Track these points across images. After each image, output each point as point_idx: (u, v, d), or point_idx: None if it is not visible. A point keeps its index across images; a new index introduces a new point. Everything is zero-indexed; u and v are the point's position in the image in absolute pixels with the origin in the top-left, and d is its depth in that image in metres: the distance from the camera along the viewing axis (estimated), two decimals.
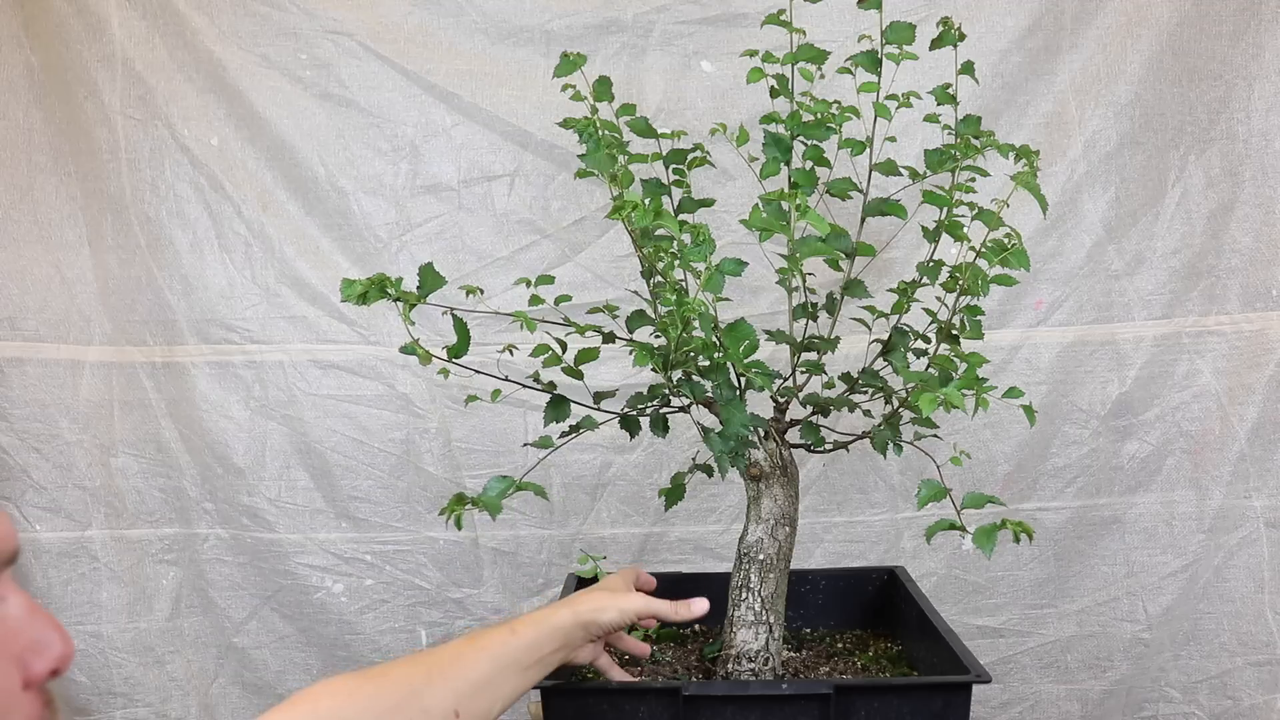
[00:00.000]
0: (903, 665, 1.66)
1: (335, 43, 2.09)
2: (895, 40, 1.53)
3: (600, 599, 1.35)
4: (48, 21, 2.07)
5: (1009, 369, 2.12)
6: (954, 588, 2.19)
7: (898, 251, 2.03)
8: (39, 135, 2.10)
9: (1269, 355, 2.12)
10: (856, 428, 1.63)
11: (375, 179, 2.12)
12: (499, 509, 1.44)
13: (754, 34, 1.88)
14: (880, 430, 1.54)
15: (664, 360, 1.37)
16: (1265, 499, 2.15)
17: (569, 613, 1.31)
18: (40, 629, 0.61)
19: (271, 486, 2.16)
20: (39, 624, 0.61)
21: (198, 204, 2.12)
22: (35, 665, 0.60)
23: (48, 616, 0.61)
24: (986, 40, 2.05)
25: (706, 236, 1.35)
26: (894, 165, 1.58)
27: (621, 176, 1.46)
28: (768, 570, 1.53)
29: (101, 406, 2.15)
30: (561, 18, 2.09)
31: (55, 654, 0.61)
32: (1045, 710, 2.22)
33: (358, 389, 2.15)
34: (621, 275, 2.10)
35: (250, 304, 2.13)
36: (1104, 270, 2.12)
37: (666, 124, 1.79)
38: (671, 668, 1.65)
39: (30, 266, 2.12)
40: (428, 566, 2.19)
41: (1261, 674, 2.19)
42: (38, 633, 0.60)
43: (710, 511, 2.17)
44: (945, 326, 1.51)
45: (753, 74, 1.53)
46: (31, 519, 2.14)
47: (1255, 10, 2.05)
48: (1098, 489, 2.16)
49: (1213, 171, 2.10)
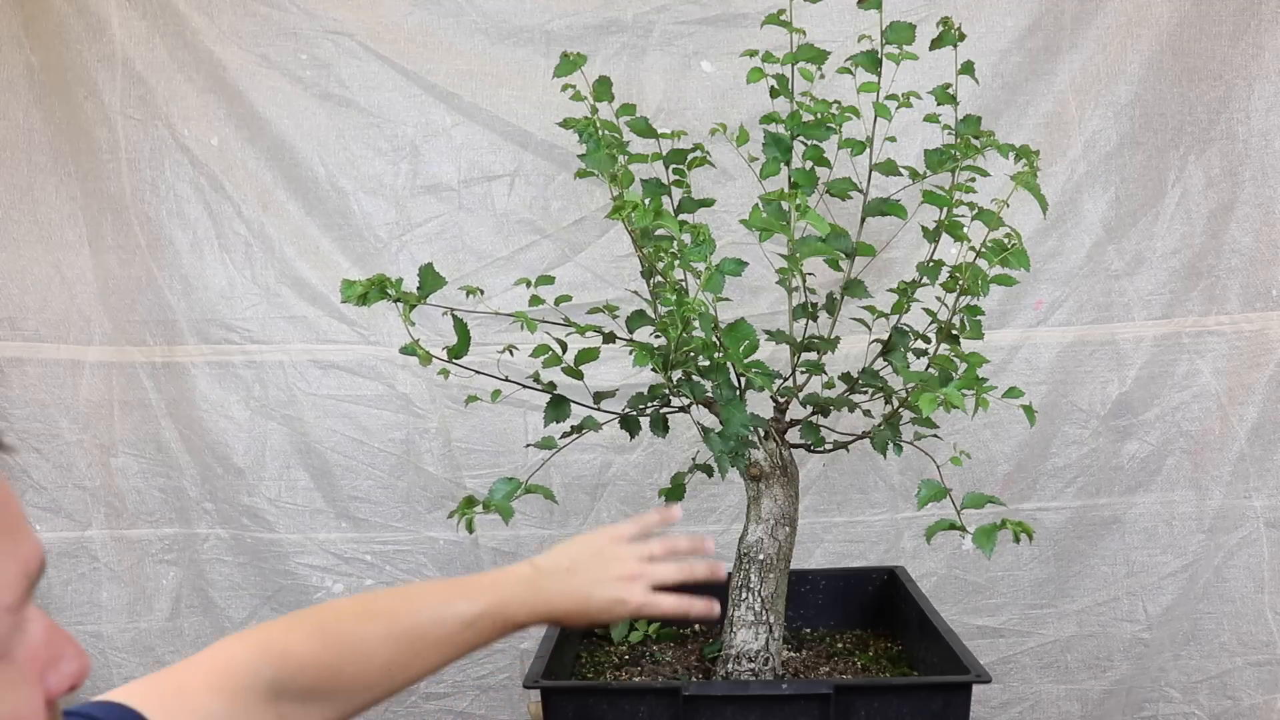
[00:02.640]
0: (903, 665, 1.66)
1: (335, 43, 2.09)
2: (895, 40, 1.53)
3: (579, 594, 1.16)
4: (48, 21, 2.07)
5: (1009, 369, 2.12)
6: (954, 588, 2.19)
7: (898, 251, 2.03)
8: (39, 135, 2.10)
9: (1269, 355, 2.12)
10: (856, 428, 1.63)
11: (375, 179, 2.12)
12: (510, 512, 1.44)
13: (754, 34, 1.88)
14: (880, 430, 1.54)
15: (664, 360, 1.37)
16: (1265, 499, 2.15)
17: (525, 611, 1.13)
18: (58, 646, 0.61)
19: (271, 486, 2.16)
20: (58, 641, 0.61)
21: (198, 204, 2.12)
22: (54, 683, 0.60)
23: (64, 633, 0.62)
24: (986, 40, 2.05)
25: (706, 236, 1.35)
26: (894, 165, 1.58)
27: (621, 176, 1.46)
28: (768, 570, 1.53)
29: (101, 406, 2.15)
30: (561, 18, 2.08)
31: (73, 670, 0.61)
32: (1045, 710, 2.22)
33: (358, 389, 2.15)
34: (621, 275, 2.10)
35: (250, 304, 2.13)
36: (1104, 270, 2.12)
37: (666, 124, 1.79)
38: (671, 668, 1.65)
39: (30, 266, 2.12)
40: (428, 566, 2.19)
41: (1261, 674, 2.19)
42: (56, 649, 0.61)
43: (710, 511, 2.17)
44: (945, 326, 1.51)
45: (753, 74, 1.53)
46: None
47: (1255, 10, 2.05)
48: (1098, 489, 2.16)
49: (1213, 171, 2.10)
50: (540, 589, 1.15)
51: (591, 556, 1.19)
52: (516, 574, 1.16)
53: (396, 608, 1.07)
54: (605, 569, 1.18)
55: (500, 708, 2.22)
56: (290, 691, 0.97)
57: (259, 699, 0.95)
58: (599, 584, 1.17)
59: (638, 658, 1.69)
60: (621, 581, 1.18)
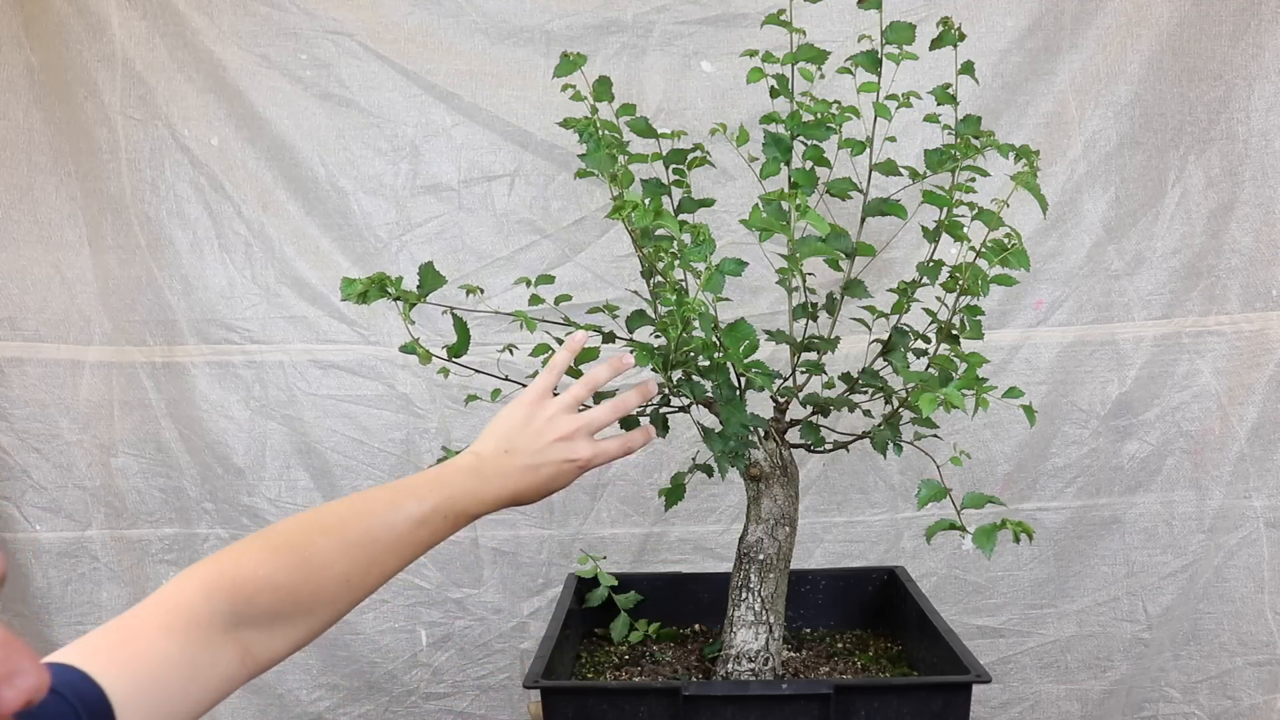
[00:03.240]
0: (903, 665, 1.66)
1: (335, 43, 2.09)
2: (895, 40, 1.53)
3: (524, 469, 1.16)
4: (48, 21, 2.07)
5: (1009, 369, 2.12)
6: (954, 588, 2.19)
7: (898, 251, 2.03)
8: (39, 135, 2.10)
9: (1269, 355, 2.12)
10: (856, 428, 1.63)
11: (375, 179, 2.12)
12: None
13: (754, 34, 1.88)
14: (880, 430, 1.54)
15: (664, 360, 1.37)
16: (1265, 499, 2.15)
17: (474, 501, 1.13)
18: (15, 659, 0.58)
19: (271, 486, 2.16)
20: (14, 654, 0.58)
21: (198, 204, 2.12)
22: (8, 697, 0.58)
23: (23, 646, 0.59)
24: (986, 40, 2.05)
25: (706, 236, 1.35)
26: (894, 165, 1.58)
27: (621, 176, 1.46)
28: (768, 570, 1.53)
29: (101, 406, 2.15)
30: (561, 18, 2.09)
31: (29, 685, 0.59)
32: (1045, 710, 2.22)
33: (358, 389, 2.15)
34: (621, 275, 2.10)
35: (250, 304, 2.13)
36: (1104, 270, 2.12)
37: (666, 124, 1.79)
38: (671, 668, 1.65)
39: (30, 266, 2.12)
40: (428, 566, 2.19)
41: (1261, 674, 2.19)
42: (13, 664, 0.58)
43: (710, 511, 2.17)
44: (945, 326, 1.51)
45: (753, 74, 1.53)
46: (31, 519, 2.14)
47: (1255, 10, 2.05)
48: (1098, 489, 2.16)
49: (1213, 171, 2.10)
50: (485, 476, 1.14)
51: (522, 429, 1.18)
52: (460, 465, 1.16)
53: (345, 517, 1.06)
54: (540, 436, 1.18)
55: (500, 708, 2.22)
56: (250, 618, 0.95)
57: (217, 632, 0.93)
58: (539, 452, 1.17)
59: (638, 658, 1.69)
60: (561, 443, 1.18)
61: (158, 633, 0.89)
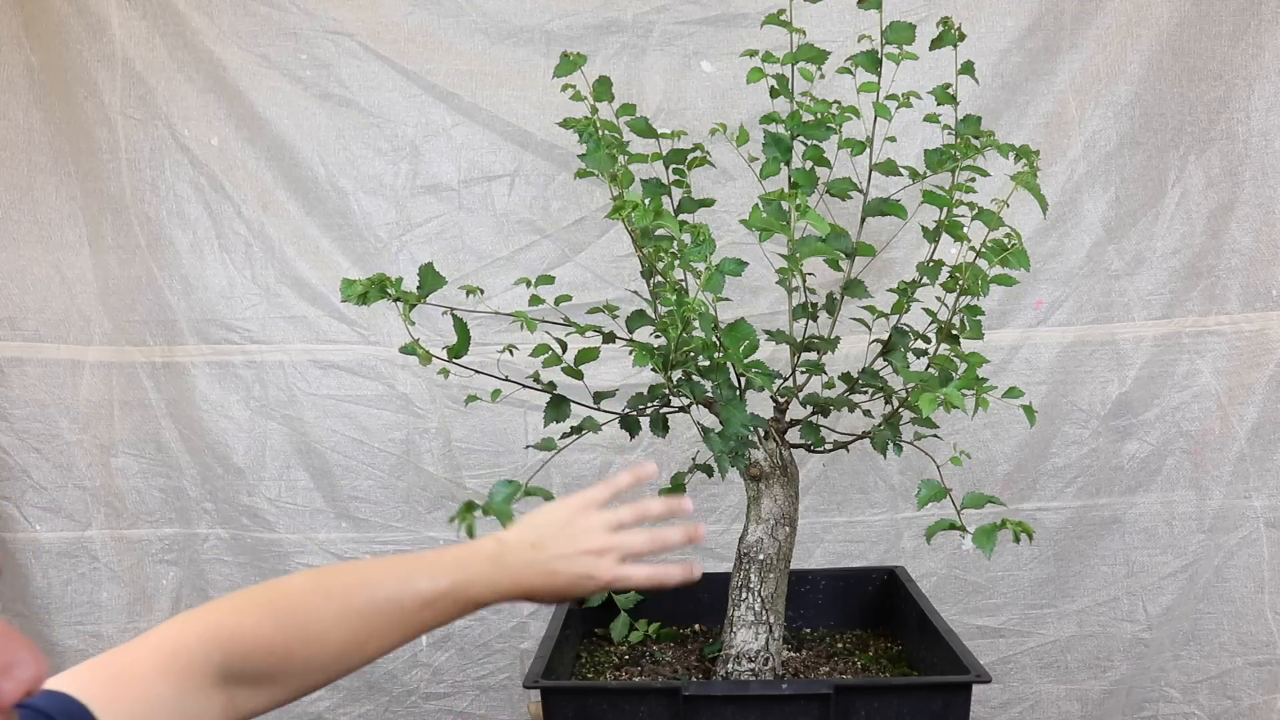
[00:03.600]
0: (903, 665, 1.66)
1: (335, 43, 2.09)
2: (895, 40, 1.53)
3: (545, 570, 1.11)
4: (48, 21, 2.07)
5: (1009, 369, 2.12)
6: (954, 588, 2.19)
7: (898, 251, 2.03)
8: (39, 135, 2.10)
9: (1269, 355, 2.12)
10: (856, 428, 1.63)
11: (375, 179, 2.12)
12: (510, 516, 1.43)
13: (754, 34, 1.88)
14: (880, 430, 1.54)
15: (664, 360, 1.37)
16: (1265, 499, 2.15)
17: (489, 590, 1.08)
18: (13, 651, 0.58)
19: (271, 486, 2.16)
20: (12, 646, 0.58)
21: (198, 204, 2.12)
22: (7, 689, 0.58)
23: (21, 637, 0.59)
24: (986, 40, 2.05)
25: (706, 236, 1.35)
26: (894, 165, 1.58)
27: (621, 176, 1.46)
28: (768, 570, 1.53)
29: (101, 406, 2.15)
30: (561, 18, 2.08)
31: (28, 676, 0.59)
32: (1045, 710, 2.22)
33: (358, 389, 2.15)
34: (621, 275, 2.10)
35: (250, 304, 2.13)
36: (1104, 270, 2.12)
37: (666, 124, 1.79)
38: (671, 668, 1.65)
39: (30, 266, 2.12)
40: None
41: (1261, 674, 2.19)
42: (11, 655, 0.58)
43: (710, 511, 2.17)
44: (945, 326, 1.51)
45: (753, 74, 1.53)
46: (31, 519, 2.14)
47: (1255, 10, 2.05)
48: (1098, 489, 2.16)
49: (1213, 171, 2.10)
50: (505, 566, 1.09)
51: (558, 530, 1.14)
52: (481, 550, 1.10)
53: (352, 585, 1.02)
54: (572, 542, 1.13)
55: (500, 708, 2.22)
56: (241, 675, 0.94)
57: (208, 683, 0.92)
58: (565, 559, 1.12)
59: (638, 658, 1.69)
60: (589, 556, 1.13)
61: (152, 673, 0.89)
